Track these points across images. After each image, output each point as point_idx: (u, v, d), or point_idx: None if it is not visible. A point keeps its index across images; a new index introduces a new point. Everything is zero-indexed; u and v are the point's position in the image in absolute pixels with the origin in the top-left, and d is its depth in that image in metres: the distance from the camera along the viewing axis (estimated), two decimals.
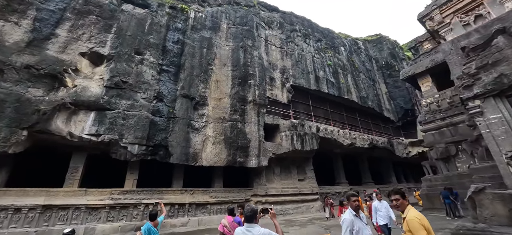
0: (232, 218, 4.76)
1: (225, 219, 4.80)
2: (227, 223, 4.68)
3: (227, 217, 4.85)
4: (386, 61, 25.69)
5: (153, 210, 5.14)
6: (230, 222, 4.67)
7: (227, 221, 4.71)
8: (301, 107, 19.26)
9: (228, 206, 5.03)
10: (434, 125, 15.54)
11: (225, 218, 4.82)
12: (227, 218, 4.79)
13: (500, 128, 4.82)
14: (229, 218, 4.78)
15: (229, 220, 4.71)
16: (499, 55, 4.93)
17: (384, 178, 26.25)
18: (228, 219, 4.75)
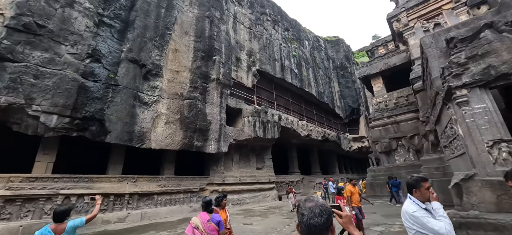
0: (208, 216, 3.23)
1: (196, 218, 3.25)
2: (199, 223, 3.16)
3: (200, 215, 3.28)
4: (341, 62, 27.59)
5: (61, 206, 3.14)
6: (204, 222, 3.17)
7: (200, 220, 3.18)
8: (264, 94, 18.56)
9: (204, 198, 3.32)
10: (381, 122, 17.17)
11: (197, 217, 3.27)
12: (201, 216, 3.23)
13: (483, 118, 4.93)
14: (203, 216, 3.23)
15: (203, 219, 3.18)
16: (488, 47, 5.00)
17: (329, 168, 28.51)
18: (202, 217, 3.21)
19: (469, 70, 5.24)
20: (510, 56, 4.84)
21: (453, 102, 5.64)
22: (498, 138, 4.87)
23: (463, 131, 5.71)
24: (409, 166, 15.60)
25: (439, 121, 8.29)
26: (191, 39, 12.69)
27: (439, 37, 6.71)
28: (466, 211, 4.56)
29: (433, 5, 10.54)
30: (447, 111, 6.52)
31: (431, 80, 7.11)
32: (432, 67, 6.83)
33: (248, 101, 16.41)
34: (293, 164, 22.88)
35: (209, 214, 3.24)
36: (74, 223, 2.93)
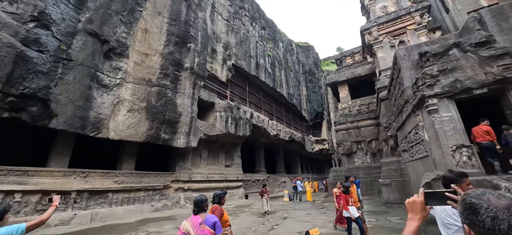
0: (201, 218, 2.65)
1: (187, 222, 2.65)
2: (190, 227, 2.56)
3: (191, 218, 2.68)
4: (310, 68, 28.96)
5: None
6: (195, 226, 2.57)
7: (191, 224, 2.60)
8: (237, 90, 18.11)
9: (195, 198, 2.69)
10: (344, 126, 18.49)
11: (188, 220, 2.67)
12: (192, 219, 2.63)
13: (449, 125, 5.50)
14: (195, 219, 2.63)
15: (194, 223, 2.59)
16: (456, 63, 5.63)
17: (292, 168, 29.57)
18: (194, 221, 2.63)
19: (440, 82, 5.84)
20: (473, 73, 5.55)
21: (424, 109, 6.23)
22: (460, 143, 5.53)
23: (429, 136, 6.36)
24: (366, 168, 17.15)
25: (402, 127, 9.18)
26: (164, 21, 11.46)
27: (412, 51, 7.39)
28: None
29: (399, 24, 11.78)
30: (415, 118, 7.20)
31: (402, 89, 7.79)
32: (404, 77, 7.48)
33: (221, 96, 15.76)
34: (260, 163, 22.96)
35: (201, 216, 2.65)
36: (8, 231, 1.96)
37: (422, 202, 1.07)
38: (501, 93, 5.47)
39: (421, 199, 1.07)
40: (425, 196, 1.08)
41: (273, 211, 11.35)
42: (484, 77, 5.43)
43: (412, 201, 1.09)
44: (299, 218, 9.74)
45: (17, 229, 2.01)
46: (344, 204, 5.57)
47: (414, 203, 1.07)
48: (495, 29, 5.81)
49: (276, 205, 14.04)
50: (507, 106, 5.48)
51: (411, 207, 1.08)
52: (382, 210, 9.83)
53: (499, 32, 5.74)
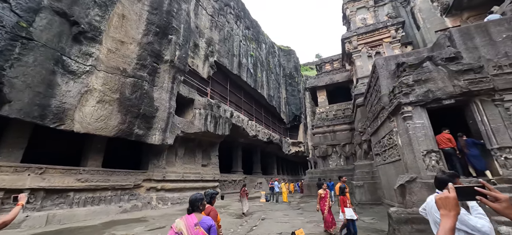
0: (196, 218, 2.42)
1: (181, 221, 2.39)
2: (184, 227, 2.31)
3: (185, 217, 2.44)
4: (290, 72, 29.59)
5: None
6: (190, 227, 2.32)
7: (185, 223, 2.35)
8: (218, 88, 17.70)
9: (191, 197, 2.53)
10: (321, 130, 19.15)
11: (182, 219, 2.42)
12: (186, 218, 2.40)
13: (421, 131, 5.94)
14: (189, 219, 2.39)
15: (189, 223, 2.36)
16: (429, 75, 6.12)
17: (269, 169, 29.82)
18: (188, 220, 2.38)
19: (415, 92, 6.29)
20: (443, 85, 6.07)
21: (399, 116, 6.65)
22: (430, 149, 5.99)
23: (403, 141, 6.80)
24: (340, 170, 17.91)
25: (376, 132, 9.74)
26: (144, 9, 10.71)
27: (389, 61, 7.88)
28: (410, 208, 5.38)
29: (377, 36, 12.59)
30: (390, 124, 7.66)
31: (379, 96, 8.26)
32: (382, 85, 7.93)
33: (201, 93, 15.25)
34: (237, 163, 22.73)
35: (197, 216, 2.43)
36: None
37: (455, 198, 1.03)
38: (465, 105, 6.05)
39: (454, 195, 1.04)
40: (456, 192, 1.06)
41: (251, 212, 11.23)
42: (452, 89, 5.97)
43: (445, 197, 1.05)
44: (277, 219, 9.76)
45: None
46: (342, 206, 5.45)
47: (447, 199, 1.04)
48: (462, 47, 6.44)
49: (253, 205, 13.95)
50: (469, 116, 6.09)
51: (444, 203, 1.04)
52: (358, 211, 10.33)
53: (465, 50, 6.37)
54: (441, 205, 1.06)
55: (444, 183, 2.24)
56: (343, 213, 5.36)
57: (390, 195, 9.16)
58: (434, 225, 2.24)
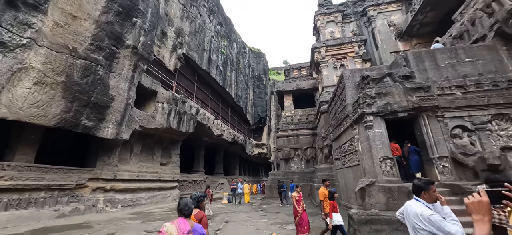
0: (189, 224, 2.17)
1: (172, 225, 2.08)
2: (176, 232, 2.05)
3: (177, 221, 2.15)
4: (259, 74, 29.88)
5: None
6: (182, 233, 2.07)
7: (177, 229, 2.09)
8: (185, 82, 16.68)
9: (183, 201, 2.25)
10: (286, 133, 19.78)
11: (174, 223, 2.10)
12: (178, 223, 2.13)
13: (379, 139, 6.54)
14: (181, 224, 2.13)
15: (181, 228, 2.10)
16: (388, 89, 6.80)
17: (231, 170, 29.47)
18: (180, 225, 2.12)
19: (376, 103, 6.90)
20: (399, 99, 6.80)
21: (362, 124, 7.21)
22: (386, 156, 6.63)
23: (363, 148, 7.39)
24: (301, 172, 18.77)
25: (338, 138, 10.43)
26: None
27: (355, 74, 8.53)
28: (369, 210, 5.82)
29: (342, 50, 13.63)
30: (352, 131, 8.26)
31: (344, 105, 8.86)
32: (347, 95, 8.53)
33: (166, 86, 14.14)
34: (198, 163, 21.82)
35: (189, 222, 2.18)
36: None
37: (489, 202, 1.01)
38: (415, 118, 6.90)
39: (488, 199, 1.01)
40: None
41: (213, 214, 10.80)
42: (406, 104, 6.74)
43: (478, 201, 1.01)
44: (241, 221, 9.58)
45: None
46: (330, 211, 5.16)
47: (481, 204, 1.00)
48: (415, 68, 7.36)
49: (215, 207, 13.48)
50: (417, 128, 6.95)
51: (477, 208, 1.00)
52: (315, 211, 10.80)
53: (417, 71, 7.29)
54: (474, 210, 1.02)
55: (420, 189, 2.37)
56: (331, 218, 5.12)
57: (347, 197, 9.88)
58: (413, 230, 2.34)
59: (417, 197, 2.37)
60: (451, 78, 7.08)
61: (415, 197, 2.41)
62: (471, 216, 1.04)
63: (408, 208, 2.40)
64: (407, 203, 2.49)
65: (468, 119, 6.68)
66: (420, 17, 11.39)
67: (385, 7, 14.46)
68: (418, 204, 2.28)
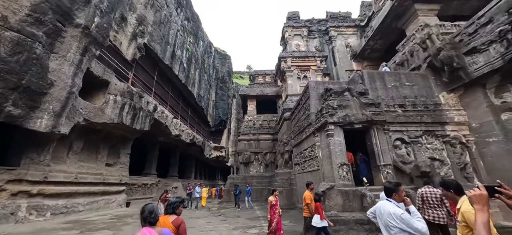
0: (156, 231, 2.01)
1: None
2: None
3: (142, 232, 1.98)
4: (223, 76, 29.45)
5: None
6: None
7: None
8: (143, 75, 15.19)
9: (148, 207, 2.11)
10: (247, 137, 19.93)
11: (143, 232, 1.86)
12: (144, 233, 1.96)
13: (338, 147, 7.22)
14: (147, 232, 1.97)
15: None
16: (347, 103, 7.60)
17: (186, 173, 27.99)
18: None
19: (337, 114, 7.62)
20: (356, 112, 7.67)
21: (324, 133, 7.84)
22: (343, 162, 7.34)
23: (323, 154, 8.02)
24: (259, 177, 19.11)
25: (299, 144, 11.07)
26: None
27: (319, 85, 9.26)
28: (328, 211, 6.30)
29: (306, 62, 14.66)
30: (314, 138, 8.89)
31: (307, 113, 9.48)
32: (311, 104, 9.17)
33: (121, 76, 12.64)
34: (151, 164, 20.06)
35: (155, 229, 2.01)
36: None
37: (487, 195, 1.24)
38: (367, 130, 7.87)
39: (486, 192, 1.24)
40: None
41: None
42: (361, 117, 7.64)
43: (479, 194, 1.24)
44: (201, 227, 9.12)
45: None
46: (321, 212, 5.11)
47: (482, 196, 1.23)
48: (369, 86, 8.43)
49: None
50: (368, 139, 7.93)
51: (478, 199, 1.23)
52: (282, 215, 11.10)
53: (370, 89, 8.37)
54: (475, 201, 1.24)
55: (392, 191, 2.70)
56: (323, 219, 5.09)
57: None
58: (385, 228, 2.62)
59: (388, 198, 2.69)
60: (395, 97, 8.35)
61: (387, 198, 2.72)
62: (473, 206, 1.28)
63: (381, 208, 2.69)
64: (379, 204, 2.80)
65: (406, 133, 7.96)
66: (371, 43, 13.29)
67: (344, 30, 16.32)
68: (390, 204, 2.58)
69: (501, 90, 7.17)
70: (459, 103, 8.26)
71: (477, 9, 10.55)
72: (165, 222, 2.56)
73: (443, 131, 7.98)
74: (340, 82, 9.45)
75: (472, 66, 7.53)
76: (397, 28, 11.66)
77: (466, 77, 7.72)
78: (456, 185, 2.52)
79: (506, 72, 6.84)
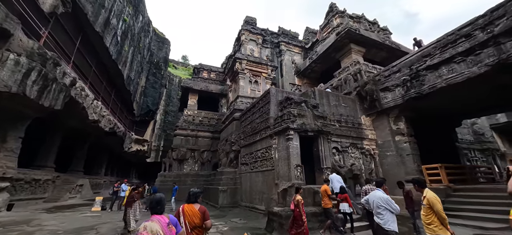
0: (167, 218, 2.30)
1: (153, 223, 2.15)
2: (160, 229, 2.12)
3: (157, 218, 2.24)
4: (158, 61, 26.07)
5: None
6: (164, 227, 2.17)
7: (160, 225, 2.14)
8: (62, 38, 11.55)
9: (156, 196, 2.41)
10: (185, 132, 18.71)
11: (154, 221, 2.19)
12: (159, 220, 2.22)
13: (295, 150, 8.25)
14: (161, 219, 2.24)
15: (163, 223, 2.18)
16: (304, 112, 8.84)
17: (95, 168, 23.02)
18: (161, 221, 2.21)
19: (297, 121, 8.69)
20: (310, 122, 8.99)
21: (283, 137, 8.72)
22: (298, 163, 8.42)
23: (281, 156, 8.88)
24: (195, 175, 18.37)
25: (251, 145, 11.59)
26: None
27: (279, 93, 10.18)
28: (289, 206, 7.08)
29: (259, 68, 15.51)
30: (271, 141, 9.66)
31: (265, 117, 10.18)
32: (271, 109, 9.95)
33: (30, 31, 9.27)
34: (48, 154, 15.50)
35: (166, 216, 2.31)
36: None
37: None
38: (315, 138, 9.35)
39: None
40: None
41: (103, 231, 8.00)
42: (314, 126, 9.02)
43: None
44: None
45: None
46: (349, 201, 6.42)
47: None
48: (319, 101, 10.06)
49: (85, 217, 10.13)
50: (315, 145, 9.41)
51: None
52: (218, 214, 10.95)
53: (320, 104, 10.01)
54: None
55: (381, 184, 3.79)
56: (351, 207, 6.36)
57: (251, 198, 11.08)
58: (376, 207, 3.69)
59: (379, 188, 3.77)
60: (335, 114, 10.36)
61: (378, 188, 3.79)
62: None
63: (373, 195, 3.78)
64: (371, 193, 3.86)
65: (340, 143, 10.00)
66: (313, 65, 15.77)
67: (292, 47, 18.43)
68: (379, 192, 3.73)
69: (398, 120, 10.32)
70: (372, 125, 11.19)
71: (385, 58, 14.66)
72: (192, 210, 2.99)
73: (361, 144, 10.57)
74: (299, 94, 10.77)
75: (384, 100, 10.45)
76: (335, 58, 14.48)
77: (379, 106, 10.60)
78: (423, 182, 3.73)
79: (402, 108, 9.95)
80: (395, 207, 3.57)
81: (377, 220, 3.68)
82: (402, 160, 9.99)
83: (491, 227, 6.43)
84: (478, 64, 7.22)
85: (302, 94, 10.79)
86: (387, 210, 3.55)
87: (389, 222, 3.54)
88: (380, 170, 10.56)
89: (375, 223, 3.83)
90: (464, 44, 7.58)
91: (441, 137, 11.83)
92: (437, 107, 9.96)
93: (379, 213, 3.59)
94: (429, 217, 3.33)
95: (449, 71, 8.04)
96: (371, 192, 3.95)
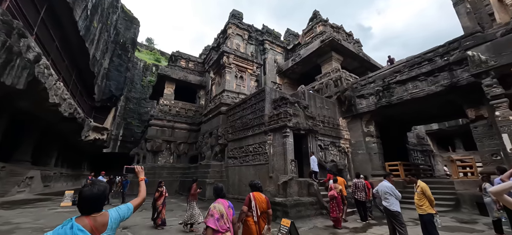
0: (226, 201, 2.88)
1: (219, 205, 2.75)
2: (224, 210, 2.70)
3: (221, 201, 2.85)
4: (125, 42, 23.39)
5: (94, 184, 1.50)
6: (227, 209, 2.76)
7: (223, 207, 2.73)
8: (27, 6, 9.66)
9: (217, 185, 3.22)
10: (161, 123, 17.79)
11: (220, 203, 2.80)
12: (223, 202, 2.82)
13: (290, 147, 9.05)
14: (224, 202, 2.83)
15: (225, 205, 2.78)
16: (298, 112, 9.69)
17: (43, 158, 19.95)
18: (224, 203, 2.81)
19: (292, 120, 9.49)
20: (303, 121, 9.90)
21: (280, 133, 9.42)
22: (293, 158, 9.27)
23: (276, 151, 9.60)
24: (170, 168, 17.78)
25: (241, 140, 11.97)
26: None
27: (272, 92, 10.81)
28: (291, 197, 7.86)
29: (245, 64, 15.71)
30: (265, 137, 10.26)
31: (259, 114, 10.70)
32: (266, 107, 10.52)
33: None
34: None
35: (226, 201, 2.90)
36: (119, 214, 1.53)
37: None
38: (307, 135, 10.34)
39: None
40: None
41: None
42: (306, 125, 9.98)
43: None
44: None
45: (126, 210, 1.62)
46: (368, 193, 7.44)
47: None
48: (309, 102, 11.05)
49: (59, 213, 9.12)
50: (304, 142, 10.41)
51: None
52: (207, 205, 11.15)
53: (310, 105, 11.02)
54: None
55: (387, 176, 4.81)
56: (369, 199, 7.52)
57: (239, 190, 11.57)
58: (383, 195, 4.69)
59: (385, 179, 4.80)
60: (320, 115, 11.55)
61: (385, 179, 4.82)
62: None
63: (381, 185, 4.77)
64: (380, 184, 4.84)
65: (323, 141, 11.26)
66: (295, 67, 16.82)
67: (275, 47, 19.08)
68: (386, 182, 4.73)
69: (369, 123, 12.12)
70: (347, 126, 12.83)
71: (356, 68, 16.64)
72: (261, 197, 3.54)
73: (339, 143, 12.08)
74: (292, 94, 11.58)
75: (359, 106, 12.11)
76: (316, 62, 15.79)
77: (355, 111, 12.24)
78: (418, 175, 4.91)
79: (374, 113, 11.75)
80: (397, 194, 4.64)
81: (384, 203, 4.70)
82: (371, 157, 11.86)
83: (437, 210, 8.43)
84: (436, 83, 9.18)
85: (293, 94, 11.65)
86: (392, 196, 4.60)
87: (393, 205, 4.58)
88: (352, 165, 12.28)
89: (383, 206, 4.88)
90: (427, 67, 9.50)
91: (397, 138, 14.32)
92: (399, 114, 12.10)
93: (386, 198, 4.62)
94: (421, 200, 4.48)
95: (414, 87, 9.94)
96: (380, 183, 4.97)
